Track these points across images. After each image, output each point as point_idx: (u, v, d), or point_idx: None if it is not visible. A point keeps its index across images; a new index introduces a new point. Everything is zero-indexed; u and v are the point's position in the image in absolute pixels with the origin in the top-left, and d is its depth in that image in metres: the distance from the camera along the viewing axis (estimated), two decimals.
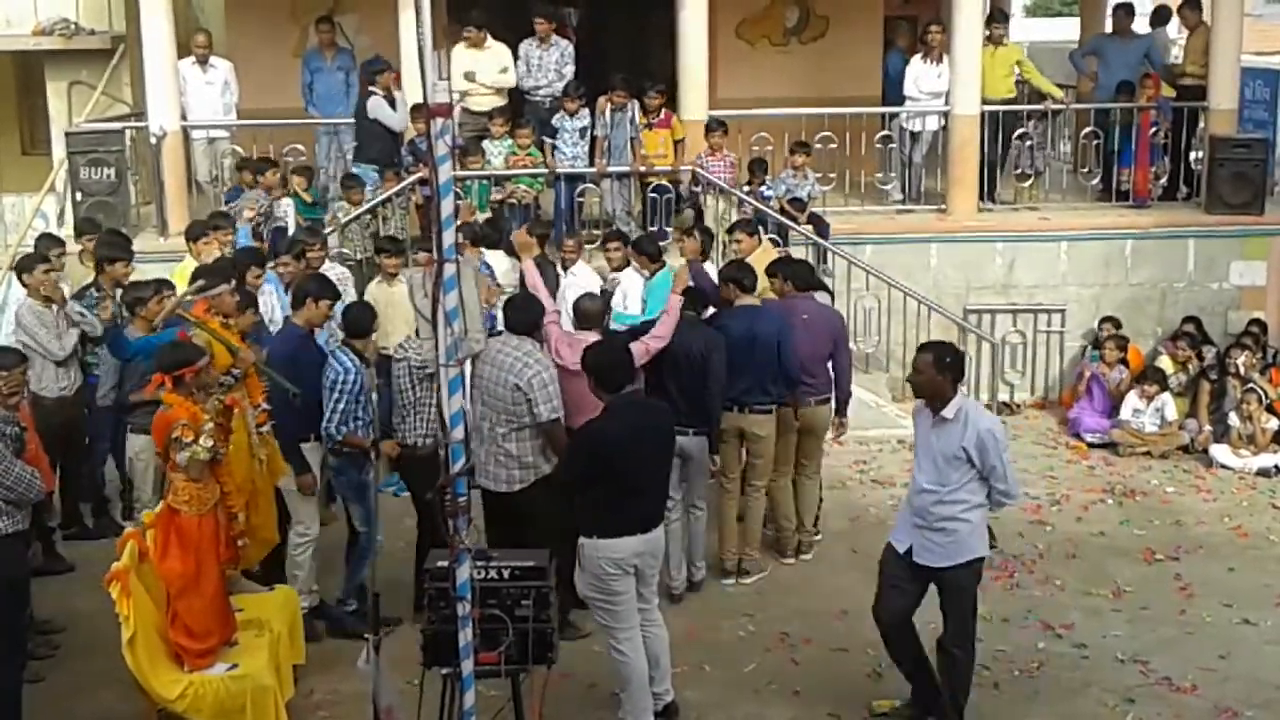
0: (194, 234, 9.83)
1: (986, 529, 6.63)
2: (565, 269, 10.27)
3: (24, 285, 8.77)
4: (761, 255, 10.00)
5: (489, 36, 12.12)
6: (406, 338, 8.00)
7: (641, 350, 7.70)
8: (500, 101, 12.23)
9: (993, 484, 6.39)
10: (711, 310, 8.52)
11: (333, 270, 9.77)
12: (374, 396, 7.63)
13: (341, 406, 7.37)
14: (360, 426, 7.44)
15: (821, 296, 9.50)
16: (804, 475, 8.86)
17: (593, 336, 7.68)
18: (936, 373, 6.36)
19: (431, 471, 7.47)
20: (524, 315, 7.45)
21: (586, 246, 11.23)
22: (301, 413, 7.47)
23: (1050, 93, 12.95)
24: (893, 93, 13.26)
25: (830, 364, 8.71)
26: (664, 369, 7.85)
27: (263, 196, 10.90)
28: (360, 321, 7.75)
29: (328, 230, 10.77)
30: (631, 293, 9.94)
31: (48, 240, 9.84)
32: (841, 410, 8.80)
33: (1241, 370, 11.05)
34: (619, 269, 10.05)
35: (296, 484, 7.54)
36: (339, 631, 7.64)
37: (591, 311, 8.04)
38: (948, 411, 6.35)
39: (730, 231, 10.26)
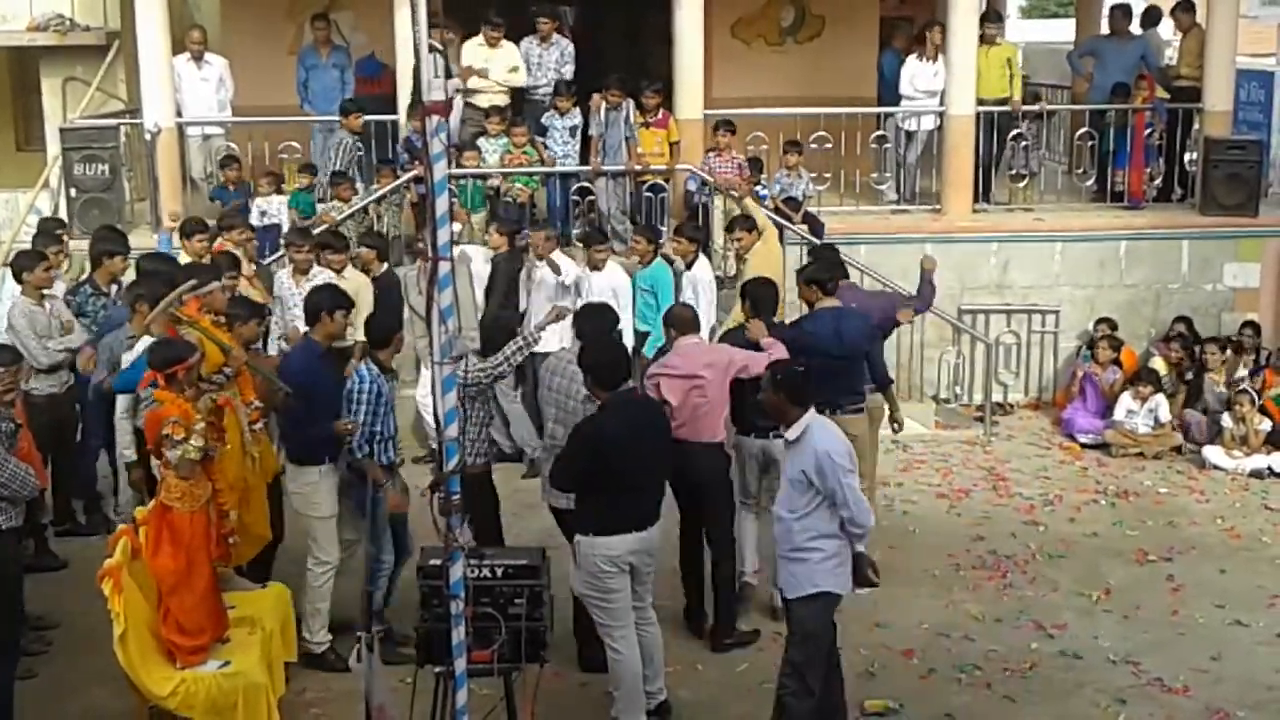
0: (188, 231, 9.82)
1: (851, 565, 6.22)
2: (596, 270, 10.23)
3: (20, 283, 8.73)
4: (763, 249, 10.04)
5: (502, 36, 12.11)
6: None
7: (741, 365, 7.40)
8: (504, 100, 12.21)
9: (839, 511, 6.01)
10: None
11: (321, 275, 9.62)
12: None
13: (361, 419, 7.07)
14: (380, 438, 7.17)
15: None
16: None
17: (694, 339, 7.54)
18: (772, 391, 6.10)
19: (481, 490, 7.43)
20: (596, 324, 7.26)
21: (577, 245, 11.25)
22: (309, 433, 7.15)
23: (1013, 96, 12.77)
24: (888, 93, 13.26)
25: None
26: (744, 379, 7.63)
27: (348, 138, 11.44)
28: (382, 330, 7.41)
29: (318, 229, 10.78)
30: (620, 290, 9.92)
31: (46, 238, 9.83)
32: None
33: (1209, 364, 11.08)
34: (596, 268, 10.02)
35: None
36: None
37: (687, 317, 7.75)
38: (791, 433, 6.09)
39: (729, 229, 10.29)
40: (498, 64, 12.09)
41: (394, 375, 7.47)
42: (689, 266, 10.04)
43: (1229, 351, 11.29)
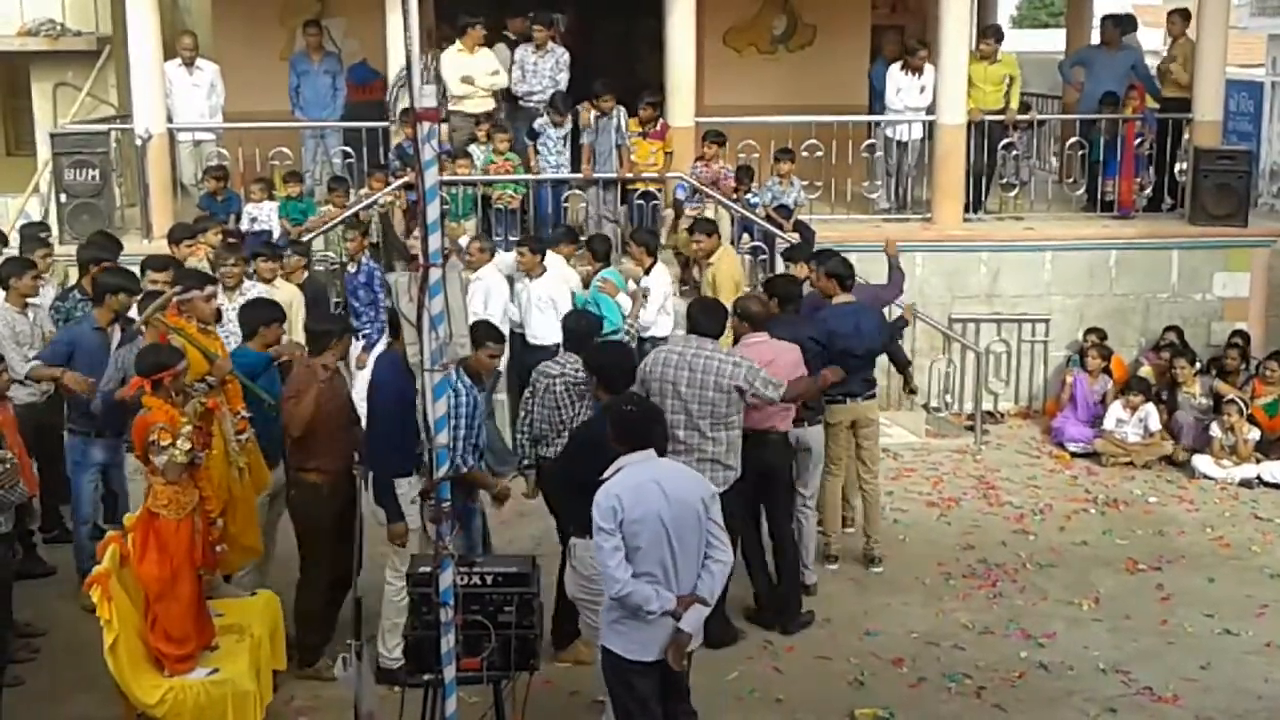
0: (177, 236, 9.81)
1: (649, 630, 5.47)
2: (472, 272, 10.20)
3: (6, 289, 8.69)
4: (724, 255, 10.11)
5: (481, 40, 12.11)
6: (562, 353, 7.53)
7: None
8: (492, 105, 12.22)
9: None
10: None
11: (253, 289, 9.17)
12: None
13: (462, 434, 6.93)
14: (471, 451, 7.09)
15: None
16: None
17: (761, 336, 7.71)
18: (610, 429, 5.75)
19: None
20: (714, 319, 7.43)
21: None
22: (400, 448, 6.90)
23: (1009, 106, 12.82)
24: (879, 103, 13.27)
25: None
26: None
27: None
28: (470, 337, 7.30)
29: (309, 236, 10.79)
30: (559, 301, 9.86)
31: (31, 243, 9.79)
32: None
33: (1180, 378, 11.14)
34: (533, 274, 10.01)
35: (389, 534, 6.94)
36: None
37: (759, 314, 7.91)
38: (608, 471, 5.65)
39: (690, 231, 10.45)
40: (478, 69, 12.09)
41: (482, 386, 7.32)
42: (647, 272, 10.14)
43: (1230, 361, 11.31)
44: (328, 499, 7.07)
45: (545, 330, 9.96)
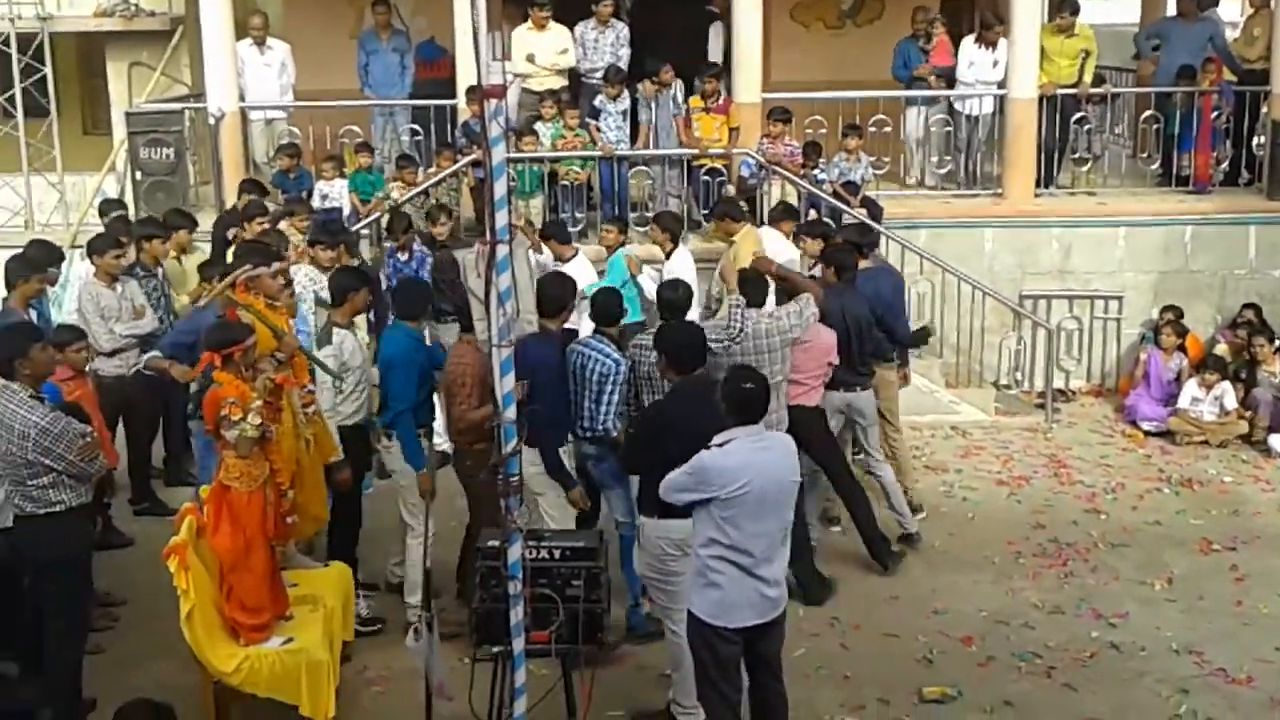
0: (250, 214, 9.92)
1: (734, 595, 5.57)
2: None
3: (94, 265, 8.86)
4: (745, 235, 9.82)
5: (550, 18, 12.13)
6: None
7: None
8: (560, 82, 12.24)
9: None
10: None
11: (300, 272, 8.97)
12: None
13: (617, 399, 7.20)
14: (619, 416, 7.32)
15: None
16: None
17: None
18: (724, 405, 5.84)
19: None
20: (761, 290, 7.71)
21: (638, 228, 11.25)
22: (561, 422, 7.22)
23: (1082, 80, 12.55)
24: (904, 85, 13.08)
25: None
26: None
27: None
28: (609, 307, 7.44)
29: (368, 217, 10.89)
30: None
31: (118, 223, 9.96)
32: None
33: (1259, 356, 10.94)
34: (561, 261, 9.82)
35: (569, 500, 7.27)
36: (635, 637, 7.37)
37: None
38: (718, 438, 5.77)
39: (715, 215, 10.37)
40: (546, 47, 12.10)
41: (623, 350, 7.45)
42: (667, 257, 9.85)
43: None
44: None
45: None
